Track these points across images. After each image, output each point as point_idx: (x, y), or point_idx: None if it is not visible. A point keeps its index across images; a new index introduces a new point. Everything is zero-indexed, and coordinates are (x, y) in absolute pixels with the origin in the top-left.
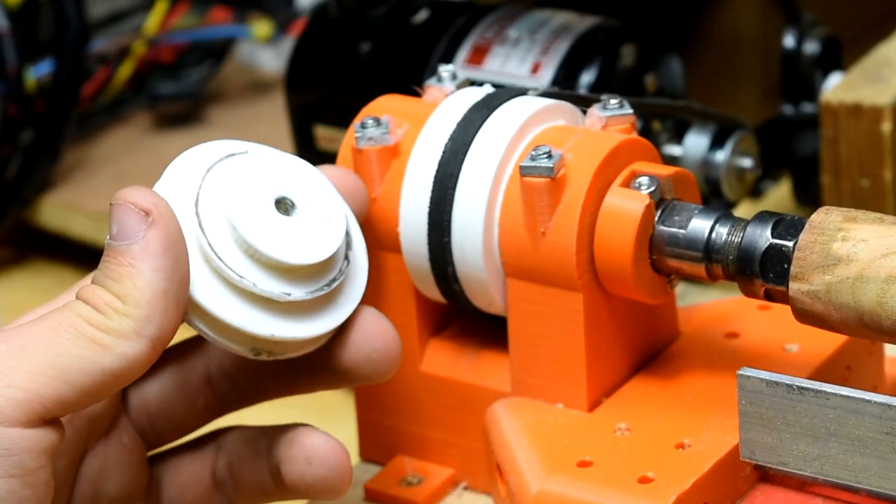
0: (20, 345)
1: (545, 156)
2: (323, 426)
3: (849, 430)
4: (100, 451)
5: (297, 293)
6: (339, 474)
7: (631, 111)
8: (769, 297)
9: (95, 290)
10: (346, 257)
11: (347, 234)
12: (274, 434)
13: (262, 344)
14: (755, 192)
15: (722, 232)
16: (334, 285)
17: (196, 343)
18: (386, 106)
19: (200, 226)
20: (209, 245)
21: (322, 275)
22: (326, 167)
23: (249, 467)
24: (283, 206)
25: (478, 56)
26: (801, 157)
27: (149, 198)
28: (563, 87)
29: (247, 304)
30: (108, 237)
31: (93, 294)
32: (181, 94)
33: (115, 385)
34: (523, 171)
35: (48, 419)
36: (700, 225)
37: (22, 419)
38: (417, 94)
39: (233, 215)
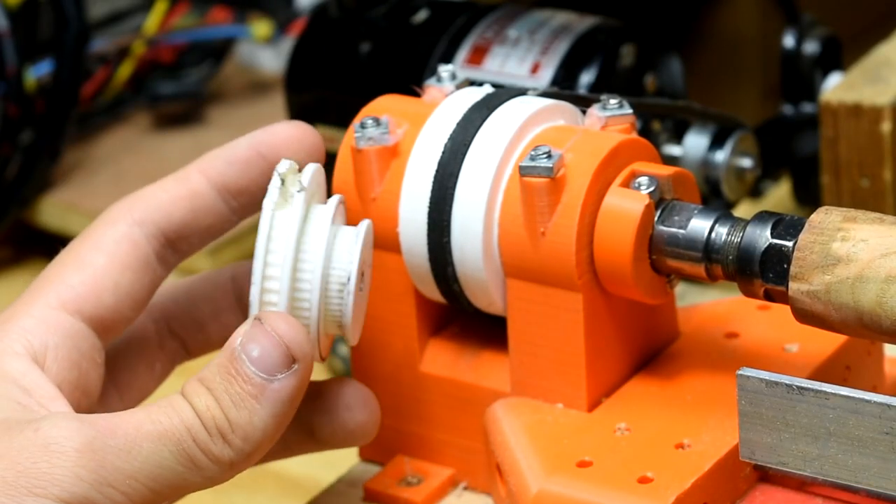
0: (126, 445)
1: (545, 156)
2: None
3: (848, 430)
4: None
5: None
6: (375, 418)
7: (631, 111)
8: (769, 297)
9: (209, 402)
10: None
11: None
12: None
13: None
14: (755, 192)
15: (721, 232)
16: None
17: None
18: (385, 106)
19: (327, 299)
20: (318, 321)
21: None
22: (281, 125)
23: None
24: (361, 280)
25: (477, 56)
26: (800, 157)
27: (300, 341)
28: (562, 87)
29: None
30: (238, 346)
31: (206, 408)
32: (181, 94)
33: (183, 495)
34: (523, 171)
35: None
36: (700, 225)
37: None
38: (417, 94)
39: (346, 303)
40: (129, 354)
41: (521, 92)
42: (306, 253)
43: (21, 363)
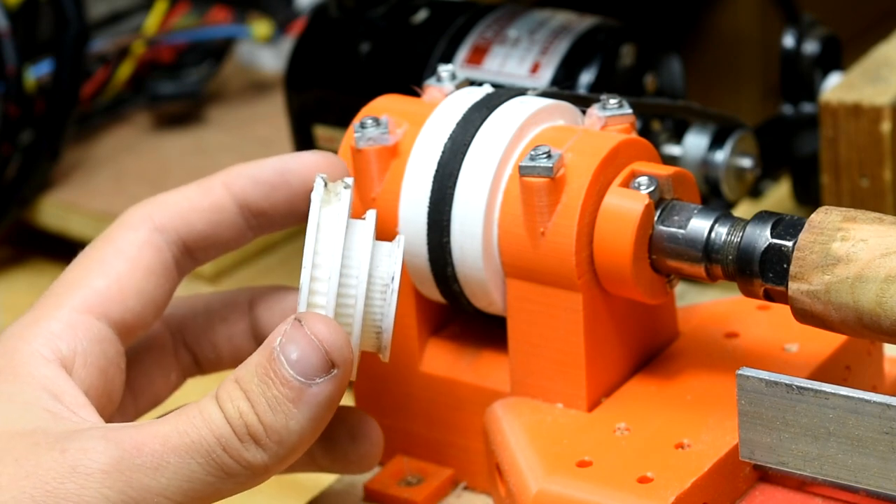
0: (153, 462)
1: (544, 156)
2: None
3: (848, 429)
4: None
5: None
6: (379, 449)
7: (630, 111)
8: (768, 296)
9: (243, 406)
10: None
11: None
12: None
13: None
14: (755, 192)
15: (721, 232)
16: None
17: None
18: (385, 106)
19: (368, 306)
20: (361, 325)
21: None
22: (310, 154)
23: None
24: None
25: (477, 56)
26: (800, 157)
27: (339, 345)
28: (562, 87)
29: None
30: (278, 346)
31: (239, 414)
32: (181, 94)
33: (218, 500)
34: (523, 170)
35: None
36: (699, 225)
37: None
38: (417, 94)
39: (389, 303)
40: (147, 361)
41: (521, 92)
42: (351, 258)
43: (49, 369)
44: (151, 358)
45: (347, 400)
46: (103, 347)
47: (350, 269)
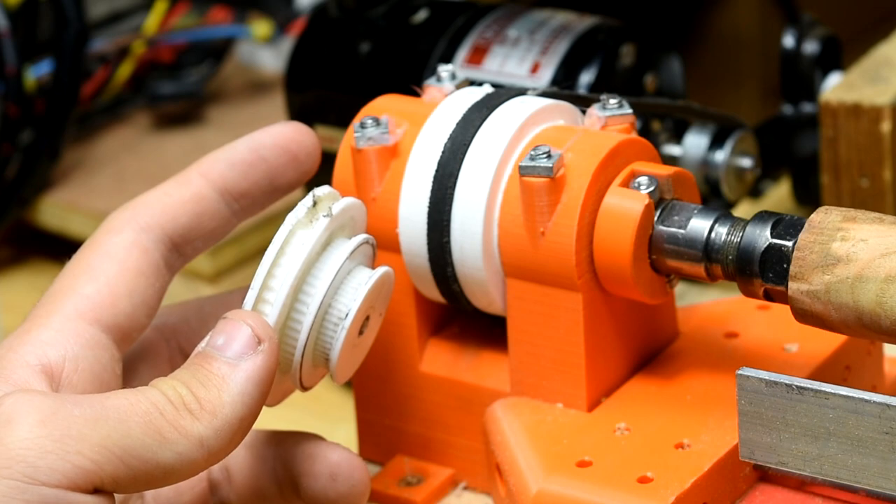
0: (94, 415)
1: (544, 155)
2: (322, 426)
3: (848, 429)
4: None
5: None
6: (362, 490)
7: (630, 111)
8: (768, 296)
9: (178, 386)
10: None
11: None
12: (284, 443)
13: None
14: (755, 192)
15: (721, 232)
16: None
17: None
18: (385, 106)
19: (320, 330)
20: (305, 346)
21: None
22: (280, 127)
23: (251, 473)
24: (364, 325)
25: (477, 56)
26: (800, 157)
27: (264, 328)
28: (562, 86)
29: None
30: (204, 345)
31: (174, 390)
32: (181, 94)
33: (161, 481)
34: (523, 170)
35: (100, 491)
36: (699, 225)
37: (81, 486)
38: (417, 94)
39: (338, 338)
40: (141, 369)
41: (521, 92)
42: (315, 278)
43: (28, 373)
44: (146, 366)
45: (348, 401)
46: (96, 353)
47: (306, 297)
